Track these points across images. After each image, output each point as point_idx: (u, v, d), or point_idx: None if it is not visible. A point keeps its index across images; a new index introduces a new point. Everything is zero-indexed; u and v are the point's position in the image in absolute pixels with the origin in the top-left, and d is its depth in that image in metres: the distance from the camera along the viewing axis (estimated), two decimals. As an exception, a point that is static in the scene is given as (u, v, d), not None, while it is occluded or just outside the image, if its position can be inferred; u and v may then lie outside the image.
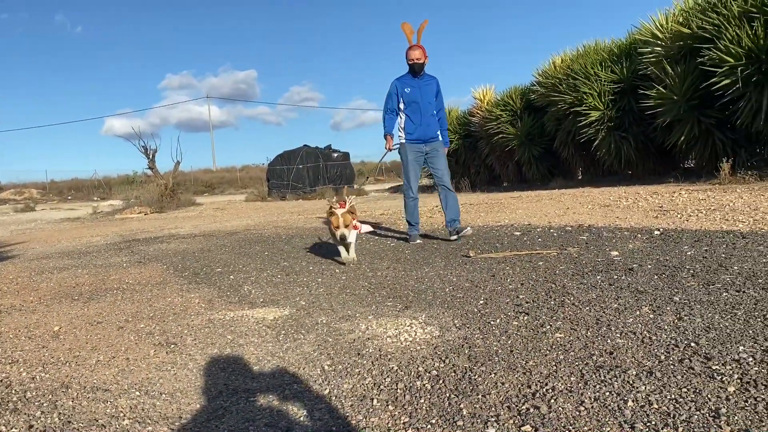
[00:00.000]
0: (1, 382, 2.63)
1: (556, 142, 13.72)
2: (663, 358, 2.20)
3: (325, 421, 1.99)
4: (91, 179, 44.12)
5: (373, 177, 39.26)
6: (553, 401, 1.93)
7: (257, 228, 9.32)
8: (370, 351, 2.68)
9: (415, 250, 5.55)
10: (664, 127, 10.05)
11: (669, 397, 1.88)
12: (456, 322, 3.00)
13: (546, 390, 2.03)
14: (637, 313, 2.80)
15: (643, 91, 10.09)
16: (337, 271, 4.82)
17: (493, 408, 1.94)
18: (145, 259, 6.53)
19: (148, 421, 2.12)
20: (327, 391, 2.25)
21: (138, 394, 2.39)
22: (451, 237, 5.93)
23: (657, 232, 5.10)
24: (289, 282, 4.49)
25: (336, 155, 21.26)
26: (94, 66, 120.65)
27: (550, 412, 1.86)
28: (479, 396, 2.04)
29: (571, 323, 2.75)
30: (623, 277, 3.55)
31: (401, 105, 5.99)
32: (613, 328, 2.60)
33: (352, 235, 5.13)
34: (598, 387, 2.00)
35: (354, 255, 5.23)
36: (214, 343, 3.03)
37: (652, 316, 2.72)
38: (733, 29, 8.26)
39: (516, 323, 2.86)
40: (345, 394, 2.21)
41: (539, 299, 3.26)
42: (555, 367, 2.22)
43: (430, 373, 2.32)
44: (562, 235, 5.54)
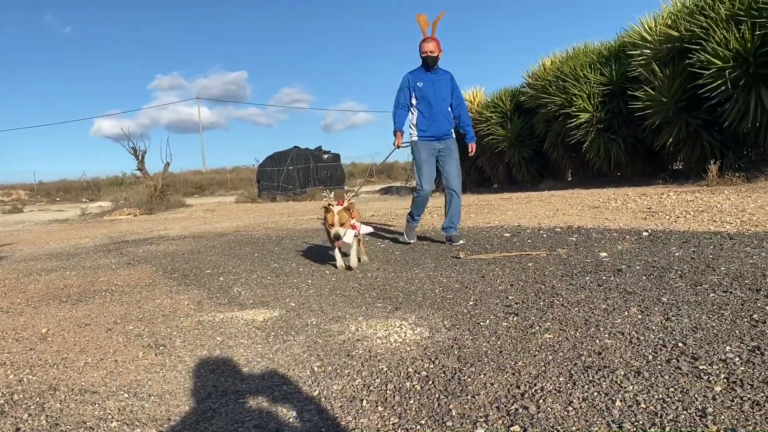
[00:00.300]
0: (-13, 384, 2.61)
1: (545, 144, 13.78)
2: (651, 358, 2.22)
3: (315, 423, 1.99)
4: (79, 180, 43.80)
5: (365, 178, 39.23)
6: (541, 401, 1.94)
7: (247, 229, 9.30)
8: (360, 352, 2.68)
9: (406, 252, 5.55)
10: (653, 129, 10.12)
11: (656, 396, 1.89)
12: (446, 323, 3.00)
13: (535, 390, 2.04)
14: (626, 313, 2.82)
15: (632, 93, 10.16)
16: (327, 272, 4.82)
17: (482, 408, 1.95)
18: (134, 260, 6.49)
19: (137, 423, 2.11)
20: (317, 392, 2.25)
21: (126, 396, 2.38)
22: (446, 241, 5.78)
23: (645, 234, 5.13)
24: (279, 283, 4.48)
25: (326, 156, 21.25)
26: (84, 66, 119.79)
27: (538, 412, 1.87)
28: (468, 396, 2.05)
29: (560, 324, 2.76)
30: (612, 278, 3.57)
31: (413, 100, 5.70)
32: (601, 329, 2.62)
33: (348, 236, 4.81)
34: (586, 387, 2.02)
35: (355, 260, 4.89)
36: (204, 344, 3.02)
37: (640, 317, 2.74)
38: (721, 32, 8.33)
39: (505, 324, 2.87)
40: (334, 395, 2.21)
41: (528, 300, 3.27)
42: (544, 368, 2.23)
43: (419, 374, 2.33)
44: (551, 237, 5.56)
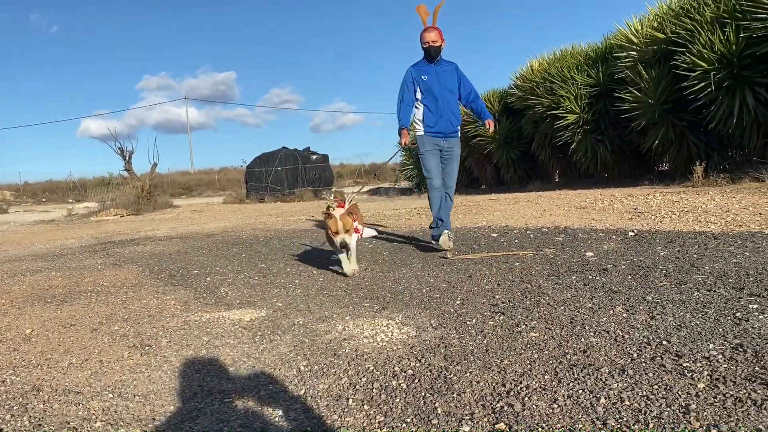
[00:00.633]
0: (-31, 385, 2.58)
1: (533, 145, 13.84)
2: (635, 356, 2.23)
3: (300, 422, 1.98)
4: (66, 181, 43.39)
5: (353, 179, 39.22)
6: (527, 399, 1.95)
7: (235, 230, 9.26)
8: (347, 351, 2.68)
9: (393, 252, 5.55)
10: (639, 131, 10.20)
11: (641, 394, 1.90)
12: (432, 322, 3.01)
13: (520, 388, 2.04)
14: (611, 312, 2.83)
15: (618, 94, 10.23)
16: (314, 272, 4.81)
17: (467, 406, 1.95)
18: (120, 261, 6.45)
19: (121, 423, 2.09)
20: (302, 391, 2.25)
21: (111, 396, 2.36)
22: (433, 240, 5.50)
23: (631, 234, 5.16)
24: (266, 283, 4.47)
25: (315, 157, 21.21)
26: (71, 66, 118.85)
27: (524, 410, 1.87)
28: (454, 395, 2.05)
29: (546, 323, 2.77)
30: (598, 278, 3.59)
31: (418, 94, 5.37)
32: (587, 327, 2.63)
33: (352, 240, 4.52)
34: (571, 385, 2.03)
35: (355, 264, 4.65)
36: (190, 344, 3.01)
37: (625, 315, 2.75)
38: (706, 34, 8.41)
39: (492, 323, 2.87)
40: (320, 394, 2.20)
41: (515, 299, 3.28)
42: (529, 366, 2.24)
43: (405, 372, 2.33)
44: (538, 237, 5.58)
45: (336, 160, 49.16)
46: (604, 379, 2.04)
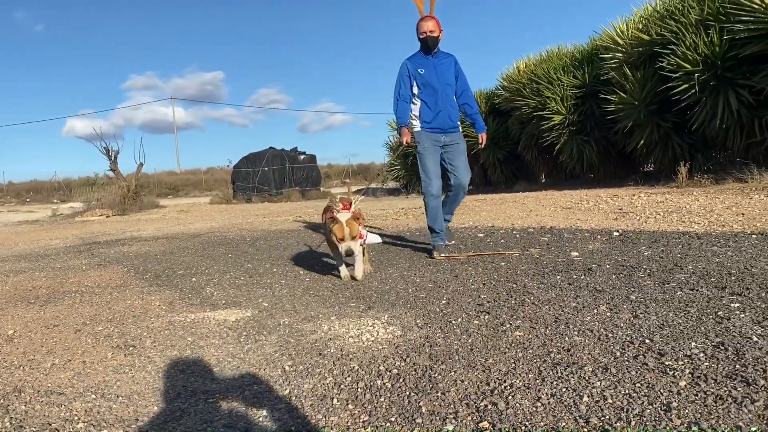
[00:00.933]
0: (-50, 387, 2.55)
1: (520, 146, 13.90)
2: (618, 354, 2.25)
3: (284, 421, 1.98)
4: (50, 181, 42.98)
5: (341, 179, 39.17)
6: (510, 398, 1.96)
7: (221, 230, 9.22)
8: (332, 351, 2.67)
9: (380, 252, 5.55)
10: (625, 132, 10.27)
11: (623, 392, 1.92)
12: (418, 321, 3.01)
13: (504, 387, 2.05)
14: (595, 311, 2.85)
15: (604, 95, 10.30)
16: (301, 272, 4.80)
17: (452, 405, 1.96)
18: (105, 261, 6.40)
19: (104, 424, 2.08)
20: (287, 391, 2.24)
21: (94, 397, 2.34)
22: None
23: (616, 234, 5.20)
24: (252, 284, 4.46)
25: (302, 157, 21.16)
26: (56, 65, 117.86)
27: (507, 409, 1.88)
28: (439, 394, 2.06)
29: (531, 322, 2.79)
30: (582, 277, 3.62)
31: (415, 89, 5.05)
32: (571, 326, 2.65)
33: (357, 247, 4.20)
34: (555, 383, 2.04)
35: (361, 270, 4.31)
36: (174, 345, 2.99)
37: (609, 315, 2.77)
38: (691, 36, 8.49)
39: (477, 322, 2.88)
40: (305, 394, 2.20)
41: (500, 299, 3.30)
42: (514, 365, 2.25)
43: (390, 372, 2.33)
44: (524, 237, 5.61)
45: (323, 160, 49.06)
46: (587, 378, 2.05)
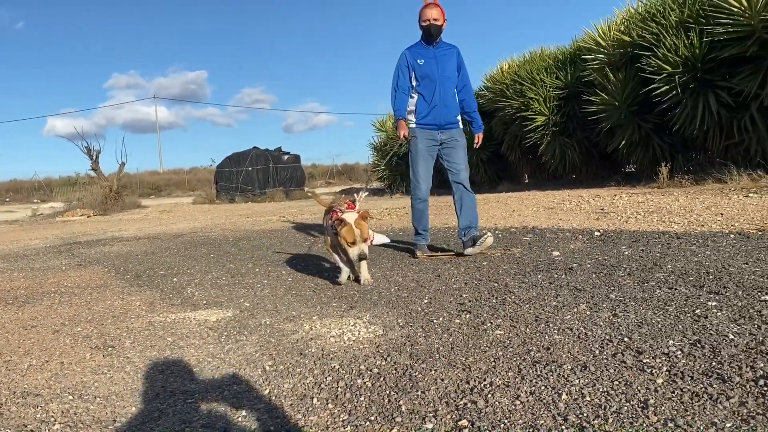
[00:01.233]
0: (-77, 388, 2.51)
1: (503, 147, 13.95)
2: (597, 352, 2.27)
3: (264, 421, 1.97)
4: (31, 180, 42.44)
5: (325, 180, 39.12)
6: (490, 396, 1.96)
7: (204, 230, 9.16)
8: (313, 351, 2.67)
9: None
10: (607, 132, 10.34)
11: (601, 389, 1.93)
12: (400, 321, 3.01)
13: (484, 385, 2.06)
14: (575, 310, 2.87)
15: (586, 97, 10.36)
16: (283, 272, 4.78)
17: (431, 404, 1.96)
18: (85, 261, 6.33)
19: (80, 425, 2.05)
20: (267, 391, 2.23)
21: (71, 398, 2.32)
22: (466, 250, 4.71)
23: (597, 233, 5.24)
24: (234, 284, 4.43)
25: (286, 157, 21.07)
26: (37, 63, 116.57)
27: (487, 407, 1.89)
28: (419, 392, 2.06)
29: (511, 320, 2.80)
30: (563, 276, 3.64)
31: (413, 81, 4.76)
32: (551, 325, 2.66)
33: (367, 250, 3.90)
34: (534, 381, 2.05)
35: (367, 274, 4.04)
36: (154, 345, 2.97)
37: (588, 313, 2.79)
38: (671, 38, 8.57)
39: (458, 321, 2.89)
40: (285, 393, 2.19)
41: (482, 298, 3.31)
42: (494, 363, 2.26)
43: (371, 371, 2.33)
44: (506, 236, 5.63)
45: (308, 160, 48.87)
46: (566, 376, 2.06)
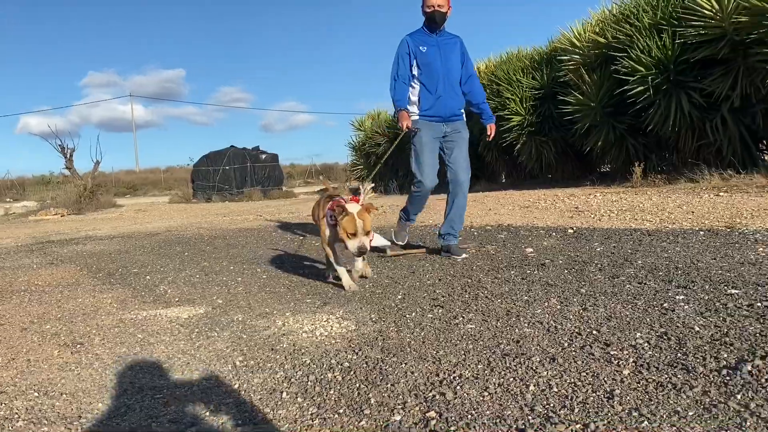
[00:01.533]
0: None
1: (480, 147, 14.01)
2: (566, 345, 2.29)
3: (232, 415, 1.96)
4: (3, 179, 41.65)
5: (304, 179, 38.98)
6: (459, 388, 1.97)
7: (179, 229, 9.07)
8: (285, 346, 2.65)
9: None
10: (582, 133, 10.44)
11: (568, 381, 1.95)
12: (373, 316, 3.01)
13: (453, 377, 2.07)
14: (546, 304, 2.90)
15: (562, 97, 10.45)
16: (258, 270, 4.75)
17: (400, 396, 1.96)
18: (57, 260, 6.23)
19: (45, 421, 2.02)
20: (236, 386, 2.22)
21: (36, 395, 2.28)
22: (442, 251, 4.68)
23: (571, 231, 5.29)
24: (207, 281, 4.39)
25: (264, 156, 20.97)
26: (10, 61, 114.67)
27: (455, 398, 1.90)
28: (388, 385, 2.06)
29: (483, 315, 2.82)
30: (535, 272, 3.67)
31: (414, 70, 4.48)
32: (521, 319, 2.68)
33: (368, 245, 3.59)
34: (503, 373, 2.06)
35: (365, 266, 3.86)
36: (124, 342, 2.93)
37: (559, 307, 2.82)
38: (644, 40, 8.69)
39: (430, 316, 2.90)
40: (254, 388, 2.18)
41: (455, 293, 3.32)
42: (464, 356, 2.27)
43: (342, 365, 2.32)
44: (481, 234, 5.67)
45: (287, 160, 48.70)
46: (534, 368, 2.08)
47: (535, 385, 1.93)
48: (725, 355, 2.03)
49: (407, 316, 2.94)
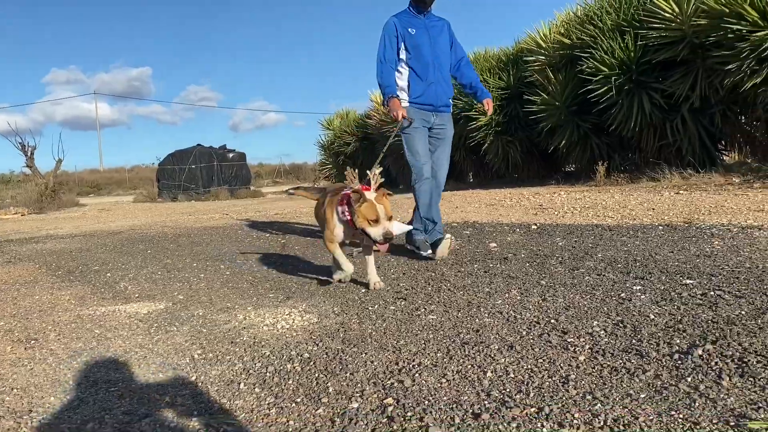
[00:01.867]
0: None
1: (448, 146, 14.09)
2: (524, 333, 2.31)
3: (188, 407, 1.93)
4: (-39, 179, 40.52)
5: (272, 179, 38.74)
6: (417, 375, 1.98)
7: (143, 228, 8.92)
8: (245, 339, 2.63)
9: (305, 246, 5.51)
10: (547, 132, 10.57)
11: (525, 367, 1.97)
12: (335, 309, 3.01)
13: (412, 366, 2.07)
14: (506, 295, 2.92)
15: (528, 97, 10.57)
16: (221, 266, 4.70)
17: (359, 384, 1.96)
18: (15, 259, 6.07)
19: (-7, 415, 1.96)
20: (194, 378, 2.19)
21: (-15, 390, 2.21)
22: (407, 245, 4.59)
23: (534, 227, 5.35)
24: (169, 278, 4.33)
25: (231, 155, 20.76)
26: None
27: (413, 385, 1.90)
28: (347, 374, 2.06)
29: (445, 306, 2.83)
30: (498, 266, 3.70)
31: (402, 53, 4.22)
32: (482, 309, 2.70)
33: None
34: (461, 361, 2.07)
35: (376, 277, 3.46)
36: (80, 337, 2.87)
37: (519, 298, 2.85)
38: (608, 41, 8.84)
39: (393, 308, 2.90)
40: (212, 380, 2.15)
41: (418, 286, 3.33)
42: (424, 346, 2.28)
43: (302, 356, 2.31)
44: (447, 230, 5.68)
45: (255, 159, 48.36)
46: (492, 355, 2.10)
47: (492, 372, 1.95)
48: (678, 341, 2.07)
49: (370, 309, 2.94)
